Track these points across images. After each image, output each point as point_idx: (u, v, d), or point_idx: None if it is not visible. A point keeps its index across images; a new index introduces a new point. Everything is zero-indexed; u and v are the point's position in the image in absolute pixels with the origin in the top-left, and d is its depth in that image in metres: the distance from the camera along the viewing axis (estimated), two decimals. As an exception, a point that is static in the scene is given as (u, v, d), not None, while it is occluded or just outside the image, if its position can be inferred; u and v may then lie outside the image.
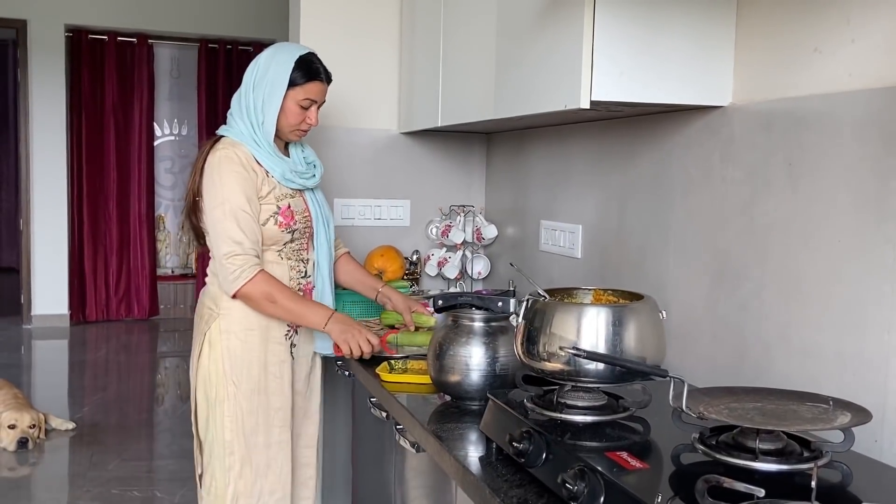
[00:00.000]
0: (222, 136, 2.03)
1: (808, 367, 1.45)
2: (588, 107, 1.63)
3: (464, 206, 2.90)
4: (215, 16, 7.09)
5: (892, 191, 1.29)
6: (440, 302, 1.64)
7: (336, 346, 1.97)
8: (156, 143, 7.51)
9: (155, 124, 7.48)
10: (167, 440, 4.34)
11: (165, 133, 7.70)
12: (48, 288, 6.85)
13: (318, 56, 2.06)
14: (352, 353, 1.95)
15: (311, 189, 2.12)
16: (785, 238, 1.52)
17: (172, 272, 7.65)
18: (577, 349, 1.24)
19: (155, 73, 7.36)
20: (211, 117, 7.32)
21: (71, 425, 4.30)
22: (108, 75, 7.06)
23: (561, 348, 1.28)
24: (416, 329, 2.14)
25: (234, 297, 1.95)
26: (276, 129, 2.03)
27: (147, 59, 7.21)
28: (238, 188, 1.93)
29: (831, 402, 1.16)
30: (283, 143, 2.11)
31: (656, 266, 1.92)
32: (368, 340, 1.94)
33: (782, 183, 1.52)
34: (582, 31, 1.60)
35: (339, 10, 2.81)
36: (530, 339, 1.37)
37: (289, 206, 2.02)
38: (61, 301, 6.89)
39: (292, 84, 1.98)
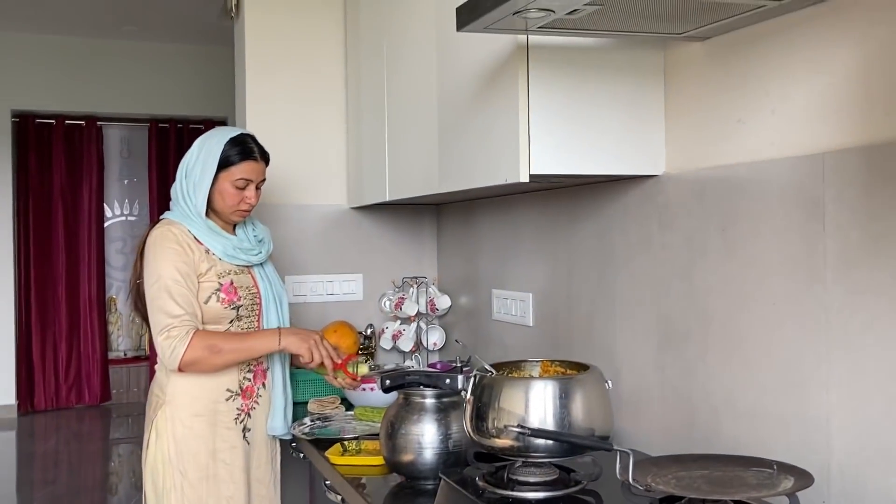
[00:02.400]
0: (161, 219, 2.04)
1: (755, 430, 1.46)
2: (528, 180, 1.67)
3: (416, 278, 2.90)
4: (165, 96, 7.12)
5: (819, 254, 1.33)
6: (388, 382, 1.63)
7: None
8: (106, 224, 7.43)
9: (105, 205, 7.41)
10: (120, 533, 4.17)
11: (116, 213, 7.62)
12: (-6, 378, 6.63)
13: (254, 136, 2.08)
14: (321, 362, 1.95)
15: (261, 265, 2.12)
16: (724, 302, 1.55)
17: (125, 355, 7.47)
18: (523, 427, 1.24)
19: (104, 153, 7.32)
20: (163, 196, 7.27)
21: (17, 523, 4.12)
22: (56, 158, 7.00)
23: (505, 426, 1.28)
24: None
25: (180, 370, 1.91)
26: (217, 212, 2.03)
27: (96, 140, 7.18)
28: (171, 264, 1.92)
29: (775, 467, 1.17)
30: (231, 224, 2.11)
31: (605, 332, 1.94)
32: (327, 351, 1.95)
33: (718, 248, 1.57)
34: (517, 108, 1.64)
35: (285, 88, 2.84)
36: (479, 416, 1.37)
37: (231, 283, 2.00)
38: (8, 391, 6.66)
39: (225, 165, 1.99)
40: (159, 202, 7.27)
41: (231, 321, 2.01)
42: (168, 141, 7.38)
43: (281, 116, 2.83)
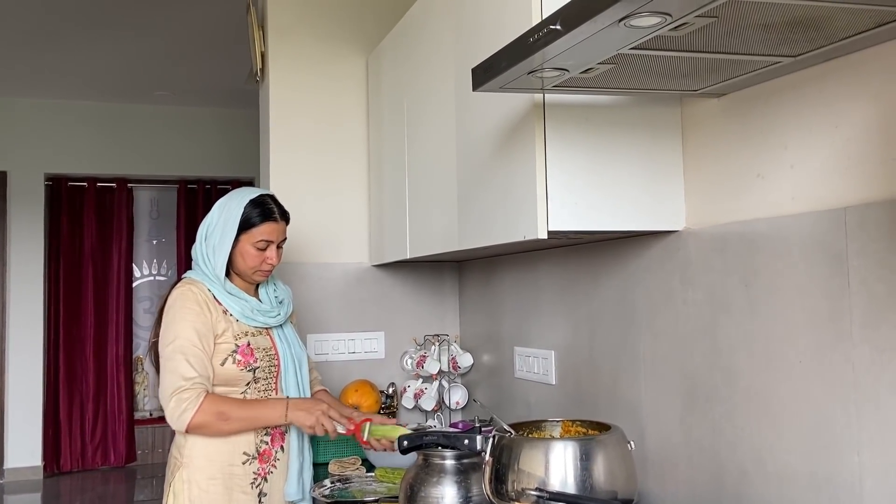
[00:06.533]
0: (183, 278, 2.05)
1: (785, 492, 1.41)
2: (546, 237, 1.66)
3: (438, 335, 2.89)
4: (193, 158, 7.26)
5: (844, 310, 1.30)
6: (405, 443, 1.60)
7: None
8: (135, 284, 7.50)
9: (134, 265, 7.50)
10: None
11: (145, 274, 7.71)
12: (21, 440, 6.63)
13: (274, 196, 2.09)
14: (326, 431, 1.92)
15: (280, 326, 2.11)
16: (749, 359, 1.52)
17: (151, 415, 7.45)
18: (542, 490, 1.21)
19: (134, 214, 7.45)
20: (190, 256, 7.34)
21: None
22: (87, 220, 7.13)
23: (524, 489, 1.25)
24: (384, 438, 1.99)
25: (186, 431, 1.90)
26: (239, 272, 2.05)
27: (126, 202, 7.31)
28: (190, 324, 1.93)
29: (807, 532, 1.12)
30: (253, 284, 2.11)
31: (629, 390, 1.91)
32: (332, 418, 1.92)
33: (741, 304, 1.54)
34: (535, 165, 1.64)
35: (308, 148, 2.89)
36: (498, 478, 1.34)
37: (248, 344, 2.00)
38: (35, 453, 6.66)
39: (246, 227, 2.01)
40: (187, 261, 7.28)
41: (248, 384, 2.00)
42: (196, 201, 7.50)
43: (304, 176, 2.87)
